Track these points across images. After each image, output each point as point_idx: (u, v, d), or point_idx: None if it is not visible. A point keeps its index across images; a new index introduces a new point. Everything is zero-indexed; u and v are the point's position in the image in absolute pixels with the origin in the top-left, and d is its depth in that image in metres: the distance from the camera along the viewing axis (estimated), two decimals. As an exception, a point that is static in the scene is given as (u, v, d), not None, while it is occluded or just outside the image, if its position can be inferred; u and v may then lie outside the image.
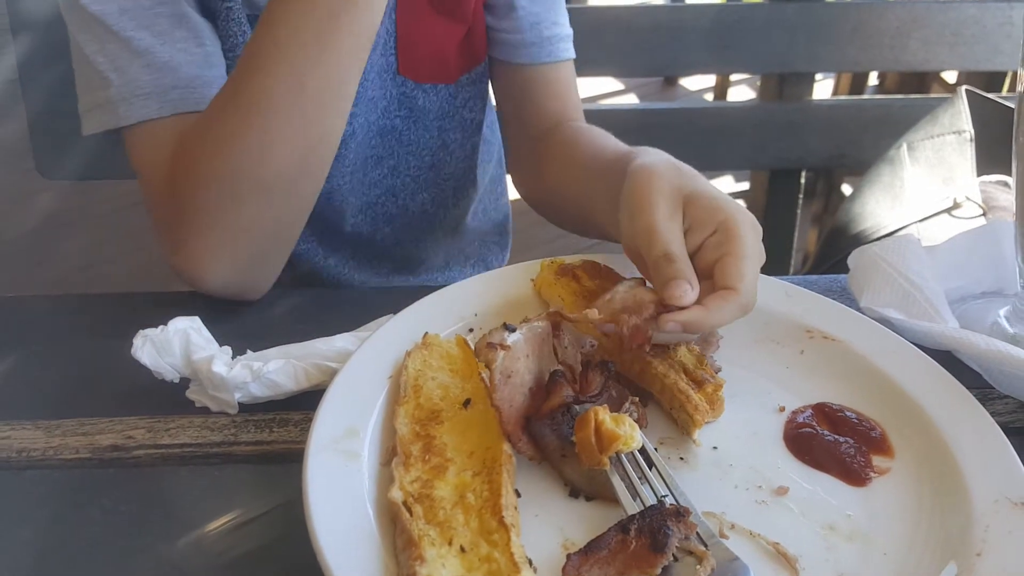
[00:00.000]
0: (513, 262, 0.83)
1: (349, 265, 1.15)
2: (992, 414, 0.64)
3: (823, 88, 3.44)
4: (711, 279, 0.68)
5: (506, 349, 0.65)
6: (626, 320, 0.68)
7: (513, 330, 0.67)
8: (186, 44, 0.85)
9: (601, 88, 4.01)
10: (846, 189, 2.40)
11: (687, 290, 0.66)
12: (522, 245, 2.92)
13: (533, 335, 0.67)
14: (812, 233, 2.40)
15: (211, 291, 0.83)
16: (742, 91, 3.89)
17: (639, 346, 0.67)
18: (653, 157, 0.78)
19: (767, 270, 0.83)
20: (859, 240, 1.44)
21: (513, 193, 1.30)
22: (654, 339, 0.68)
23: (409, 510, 0.56)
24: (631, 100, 4.04)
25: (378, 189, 1.07)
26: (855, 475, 0.62)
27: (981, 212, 1.31)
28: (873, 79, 3.19)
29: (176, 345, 0.69)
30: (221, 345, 0.72)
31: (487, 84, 1.10)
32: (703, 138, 1.70)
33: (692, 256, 0.69)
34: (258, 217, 0.81)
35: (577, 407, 0.64)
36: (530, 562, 0.54)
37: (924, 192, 1.41)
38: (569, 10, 1.59)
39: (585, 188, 0.93)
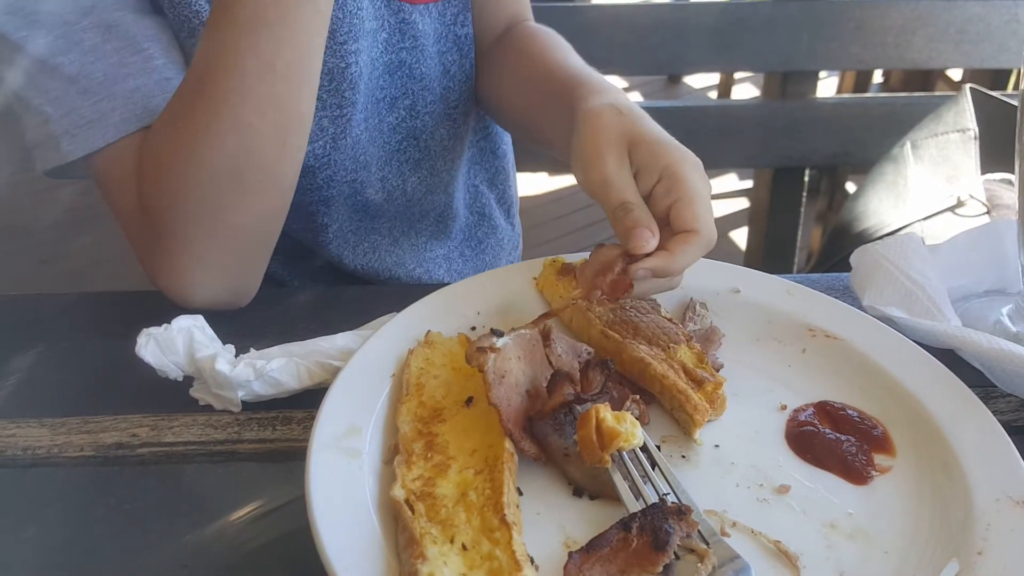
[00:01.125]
0: (528, 257, 0.83)
1: (383, 246, 1.10)
2: (994, 412, 0.64)
3: (827, 86, 3.44)
4: (667, 226, 0.71)
5: (496, 351, 0.65)
6: (602, 281, 0.70)
7: (501, 335, 0.67)
8: (120, 55, 0.80)
9: (605, 85, 4.00)
10: (850, 187, 2.40)
11: (648, 236, 0.70)
12: (538, 241, 2.92)
13: (522, 340, 0.68)
14: (816, 231, 2.40)
15: (201, 306, 0.80)
16: (746, 89, 3.89)
17: (625, 294, 0.71)
18: (598, 100, 0.80)
19: (771, 268, 0.84)
20: (862, 238, 1.44)
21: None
22: (640, 289, 0.71)
23: (411, 508, 0.56)
24: (635, 98, 4.04)
25: (399, 134, 1.03)
26: (856, 473, 0.62)
27: (985, 210, 1.30)
28: (877, 77, 3.19)
29: (180, 343, 0.70)
30: (224, 343, 0.72)
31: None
32: (707, 136, 1.70)
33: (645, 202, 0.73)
34: (241, 217, 0.78)
35: (579, 406, 0.64)
36: (532, 560, 0.54)
37: (928, 190, 1.41)
38: (572, 8, 1.60)
39: (537, 112, 0.97)
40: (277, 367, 0.70)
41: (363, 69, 0.94)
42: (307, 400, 0.71)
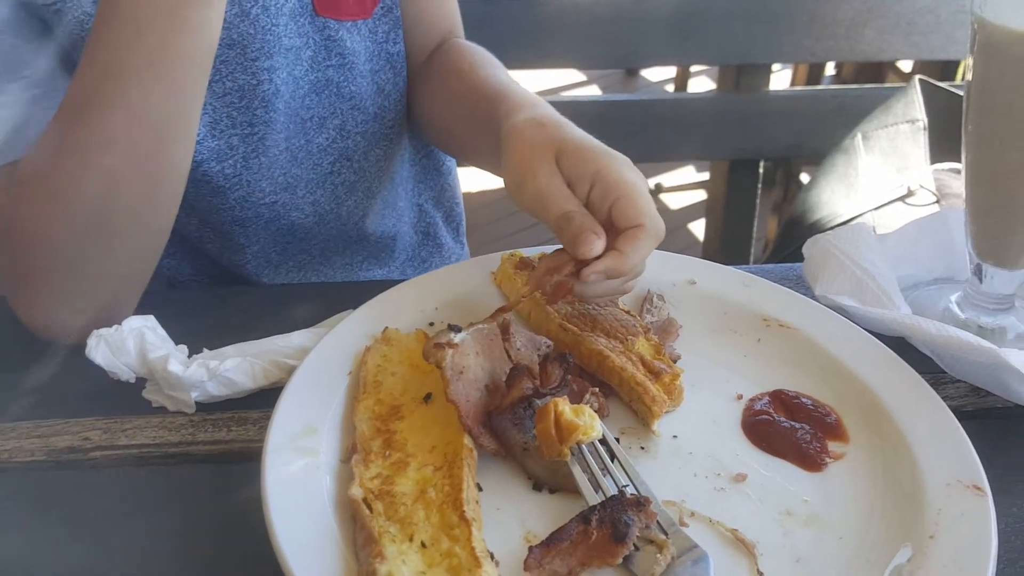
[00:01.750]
0: (473, 256, 0.83)
1: (311, 265, 1.09)
2: (944, 398, 0.66)
3: (781, 79, 3.48)
4: (612, 228, 0.70)
5: (453, 347, 0.64)
6: (548, 280, 0.70)
7: (459, 330, 0.67)
8: None
9: (563, 79, 4.02)
10: (804, 178, 2.43)
11: (594, 239, 0.68)
12: (482, 240, 2.92)
13: (480, 335, 0.67)
14: (772, 222, 2.43)
15: (60, 340, 0.77)
16: (702, 82, 3.92)
17: (564, 297, 0.72)
18: (520, 116, 0.79)
19: (728, 260, 0.84)
20: (816, 229, 1.46)
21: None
22: (587, 293, 0.72)
23: (369, 507, 0.56)
24: (593, 92, 4.06)
25: (330, 156, 1.01)
26: (811, 461, 0.63)
27: (935, 200, 1.33)
28: (830, 69, 3.23)
29: (131, 345, 0.68)
30: (177, 344, 0.71)
31: (399, 12, 1.04)
32: (663, 129, 1.72)
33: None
34: (107, 260, 0.76)
35: (538, 400, 0.64)
36: (492, 556, 0.54)
37: (879, 181, 1.44)
38: (529, 2, 1.60)
39: (466, 129, 0.97)
40: (231, 367, 0.69)
41: (280, 87, 0.91)
42: (263, 400, 0.70)
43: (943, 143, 1.39)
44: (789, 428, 0.66)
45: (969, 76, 0.72)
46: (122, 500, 0.64)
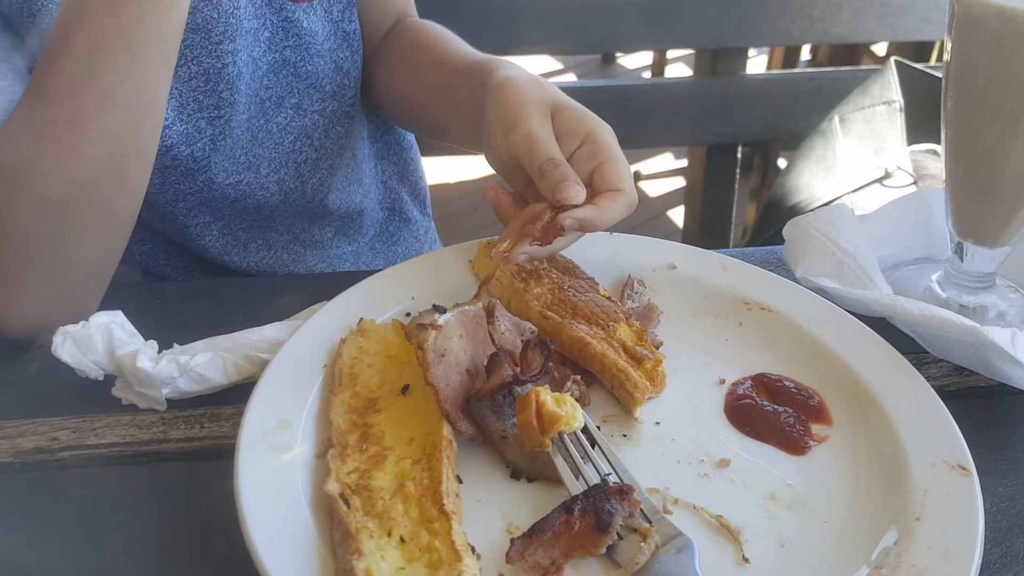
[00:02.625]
0: (443, 236, 0.82)
1: (281, 243, 1.07)
2: (927, 378, 0.65)
3: (757, 64, 3.48)
4: (591, 186, 0.73)
5: (437, 329, 0.63)
6: (532, 228, 0.70)
7: (444, 311, 0.65)
8: None
9: (540, 67, 4.00)
10: (782, 163, 2.43)
11: (577, 189, 0.70)
12: (461, 229, 2.90)
13: (465, 317, 0.66)
14: (750, 207, 2.43)
15: (24, 336, 0.75)
16: (679, 69, 3.91)
17: (557, 235, 0.71)
18: (512, 71, 0.82)
19: (708, 245, 0.84)
20: (794, 212, 1.46)
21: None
22: (555, 245, 0.73)
23: (346, 502, 0.55)
24: (569, 79, 4.04)
25: (290, 134, 1.01)
26: (794, 444, 0.63)
27: (912, 181, 1.33)
28: (805, 54, 3.24)
29: (99, 341, 0.66)
30: (147, 339, 0.69)
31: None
32: (641, 114, 1.70)
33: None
34: (75, 248, 0.74)
35: (518, 388, 0.63)
36: (472, 549, 0.53)
37: (856, 163, 1.44)
38: (504, -9, 1.58)
39: (436, 99, 0.98)
40: (202, 362, 0.67)
41: (242, 69, 0.91)
42: (236, 396, 0.68)
43: (920, 124, 1.39)
44: (772, 412, 0.65)
45: (947, 55, 0.72)
46: (92, 501, 0.62)
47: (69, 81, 0.69)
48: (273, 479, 0.57)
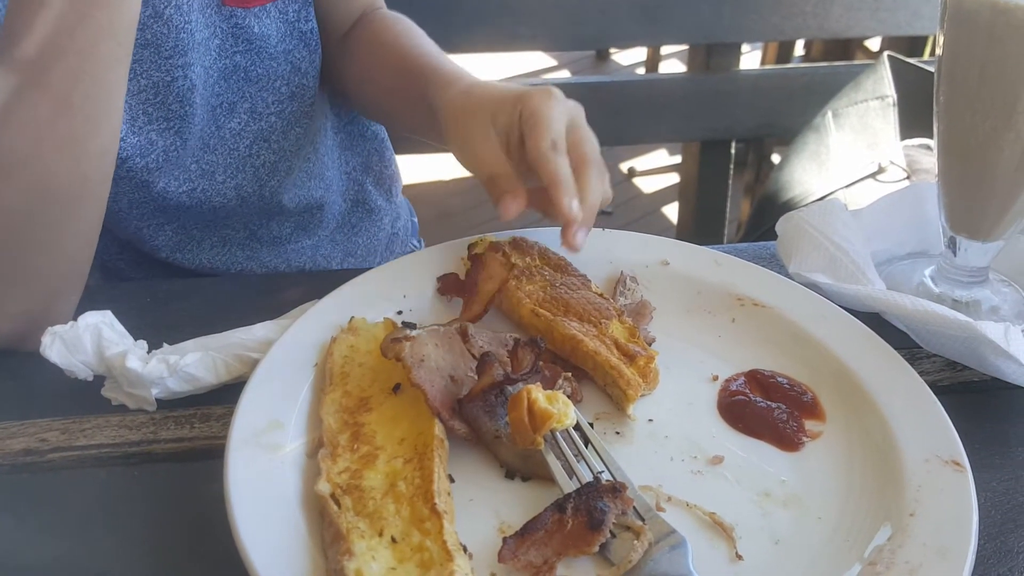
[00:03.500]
0: (423, 229, 0.82)
1: (236, 240, 1.06)
2: (921, 373, 0.65)
3: (751, 59, 3.48)
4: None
5: (411, 339, 0.63)
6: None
7: (414, 327, 0.65)
8: None
9: (534, 64, 4.00)
10: (776, 159, 2.43)
11: (510, 203, 0.73)
12: (460, 226, 2.90)
13: (437, 334, 0.66)
14: (744, 203, 2.43)
15: (3, 344, 0.74)
16: (673, 65, 3.91)
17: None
18: (450, 92, 0.85)
19: (702, 241, 0.84)
20: (788, 208, 1.45)
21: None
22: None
23: (337, 502, 0.54)
24: (564, 76, 4.04)
25: (245, 139, 0.99)
26: (788, 440, 0.62)
27: (905, 176, 1.33)
28: (799, 49, 3.24)
29: (87, 341, 0.66)
30: (136, 339, 0.69)
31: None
32: (635, 111, 1.70)
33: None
34: (39, 261, 0.73)
35: (509, 387, 0.63)
36: (464, 549, 0.53)
37: (850, 158, 1.43)
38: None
39: (398, 101, 1.00)
40: (192, 362, 0.66)
41: (195, 81, 0.90)
42: (226, 395, 0.67)
43: (912, 119, 1.39)
44: (765, 408, 0.65)
45: (940, 50, 0.72)
46: (82, 502, 0.62)
47: (20, 84, 0.67)
48: (264, 479, 0.56)
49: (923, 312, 0.68)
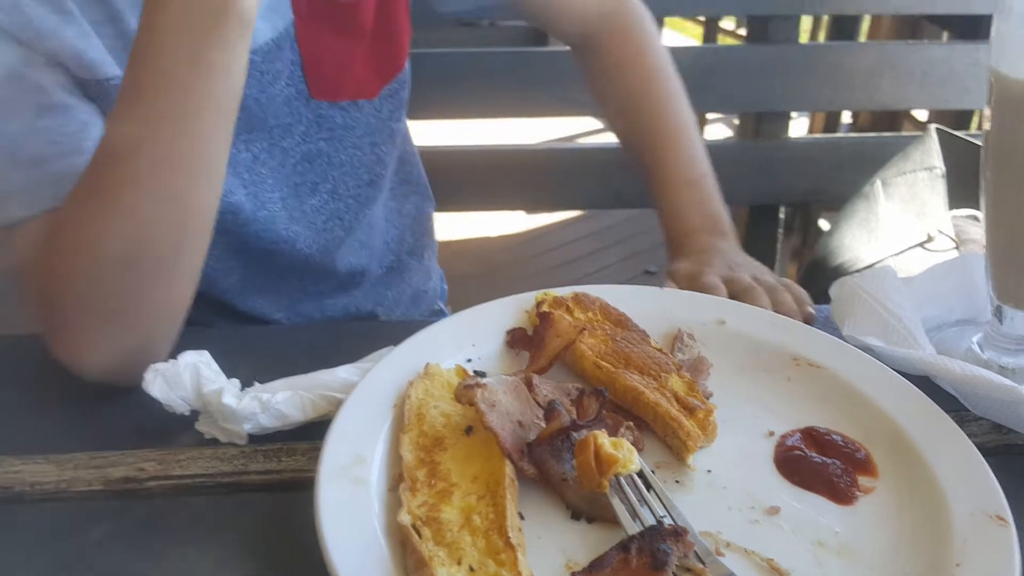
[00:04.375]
0: (505, 294, 0.86)
1: (287, 293, 1.12)
2: (969, 435, 0.68)
3: (799, 126, 3.53)
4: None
5: (482, 386, 0.67)
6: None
7: (483, 375, 0.70)
8: (52, 134, 0.81)
9: (581, 127, 4.08)
10: (823, 224, 2.46)
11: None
12: (503, 281, 2.96)
13: (504, 383, 0.70)
14: (792, 267, 2.46)
15: (95, 379, 0.79)
16: (719, 129, 3.97)
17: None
18: (675, 228, 1.07)
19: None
20: (838, 273, 1.48)
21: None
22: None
23: (418, 532, 0.59)
24: (611, 139, 4.11)
25: (323, 215, 1.06)
26: (842, 494, 0.65)
27: (954, 245, 1.36)
28: (847, 117, 3.28)
29: (187, 379, 0.72)
30: (228, 378, 0.74)
31: (407, 90, 1.10)
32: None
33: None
34: (138, 302, 0.78)
35: (575, 433, 0.67)
36: (537, 580, 0.56)
37: (899, 226, 1.46)
38: (551, 53, 1.65)
39: (627, 147, 1.19)
40: (282, 400, 0.72)
41: (260, 154, 0.97)
42: (310, 432, 0.73)
43: (960, 190, 1.42)
44: (820, 463, 0.68)
45: (987, 125, 0.76)
46: (178, 528, 0.67)
47: (128, 145, 0.73)
48: (350, 509, 0.61)
49: (971, 376, 0.71)
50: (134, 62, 0.72)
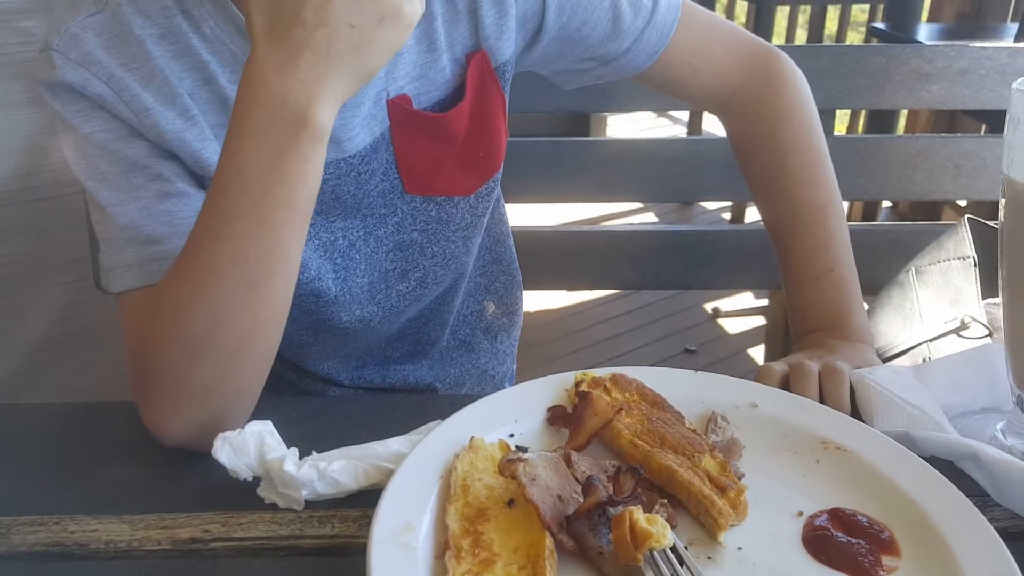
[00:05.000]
0: (545, 369, 0.91)
1: (355, 358, 1.18)
2: (991, 520, 0.71)
3: (837, 210, 3.56)
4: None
5: (523, 461, 0.72)
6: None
7: (525, 450, 0.74)
8: (170, 217, 0.89)
9: (621, 207, 4.16)
10: (866, 307, 2.47)
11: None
12: (538, 358, 3.00)
13: (544, 458, 0.75)
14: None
15: (174, 446, 0.85)
16: (757, 213, 4.02)
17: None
18: (803, 319, 1.10)
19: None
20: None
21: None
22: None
23: (464, 598, 0.63)
24: (650, 219, 4.19)
25: (407, 300, 1.12)
26: (866, 573, 0.68)
27: (987, 332, 1.38)
28: (886, 201, 3.32)
29: (252, 446, 0.77)
30: (288, 447, 0.80)
31: (500, 191, 1.16)
32: (721, 259, 1.78)
33: None
34: (215, 379, 0.83)
35: (611, 508, 0.71)
36: (574, 646, 0.60)
37: (933, 313, 1.49)
38: (591, 143, 1.72)
39: (769, 235, 1.17)
40: (338, 468, 0.77)
41: (357, 242, 1.04)
42: (361, 500, 0.77)
43: (993, 279, 1.44)
44: (846, 543, 0.71)
45: (1001, 219, 0.80)
46: (238, 587, 0.72)
47: (210, 239, 0.81)
48: (400, 574, 0.65)
49: (1006, 462, 0.74)
50: (222, 163, 0.80)
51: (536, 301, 3.37)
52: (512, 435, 0.84)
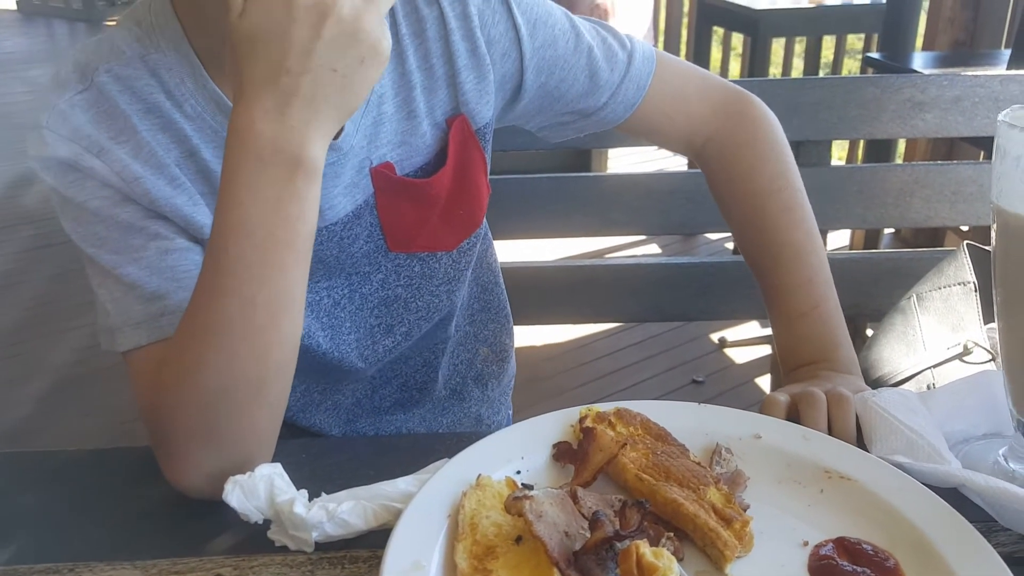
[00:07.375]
0: (552, 402, 0.92)
1: (345, 408, 1.19)
2: (995, 545, 0.71)
3: (840, 237, 3.59)
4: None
5: (530, 498, 0.73)
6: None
7: (531, 487, 0.75)
8: (173, 272, 0.91)
9: (624, 239, 4.18)
10: (870, 334, 2.47)
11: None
12: (547, 392, 3.00)
13: (550, 495, 0.75)
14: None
15: (199, 498, 0.86)
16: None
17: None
18: (792, 354, 1.08)
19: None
20: (878, 385, 1.51)
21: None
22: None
23: (474, 635, 0.63)
24: (653, 251, 4.21)
25: (394, 353, 1.13)
26: (873, 602, 0.69)
27: (990, 357, 1.38)
28: (889, 228, 3.34)
29: (262, 489, 0.78)
30: (298, 489, 0.81)
31: (486, 243, 1.18)
32: (725, 289, 1.80)
33: None
34: (234, 428, 0.84)
35: (618, 543, 0.71)
36: None
37: (936, 339, 1.50)
38: (593, 178, 1.75)
39: (754, 273, 1.15)
40: (347, 509, 0.78)
41: (342, 300, 1.05)
42: (370, 540, 0.78)
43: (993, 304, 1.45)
44: (852, 572, 0.72)
45: (993, 243, 0.81)
46: (250, 630, 0.72)
47: (218, 294, 0.82)
48: (410, 613, 0.66)
49: (996, 489, 0.75)
50: (218, 219, 0.82)
51: (542, 335, 3.38)
52: (519, 472, 0.85)
